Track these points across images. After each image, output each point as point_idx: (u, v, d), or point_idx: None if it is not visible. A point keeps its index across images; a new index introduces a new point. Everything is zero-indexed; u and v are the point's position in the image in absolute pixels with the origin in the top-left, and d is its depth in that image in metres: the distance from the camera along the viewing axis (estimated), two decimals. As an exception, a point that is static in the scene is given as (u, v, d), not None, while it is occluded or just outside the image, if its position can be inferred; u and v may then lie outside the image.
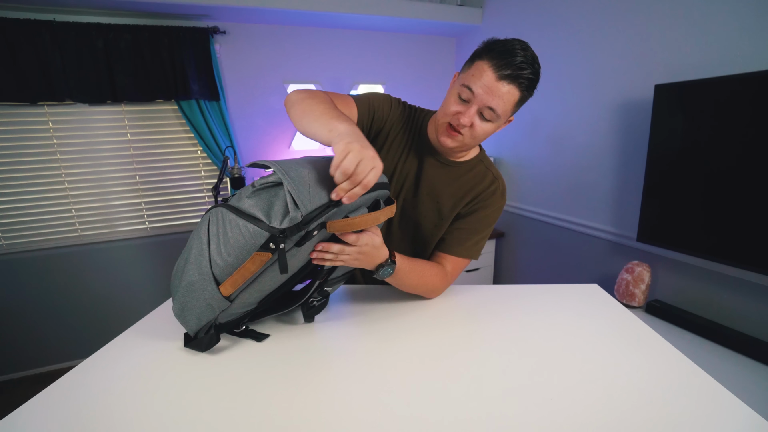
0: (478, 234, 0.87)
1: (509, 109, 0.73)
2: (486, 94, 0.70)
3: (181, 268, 0.61)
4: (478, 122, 0.74)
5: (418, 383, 0.55)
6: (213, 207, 0.61)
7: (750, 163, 1.07)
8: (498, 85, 0.70)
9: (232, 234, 0.56)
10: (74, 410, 0.50)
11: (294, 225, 0.54)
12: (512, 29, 2.15)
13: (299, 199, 0.53)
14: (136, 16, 2.00)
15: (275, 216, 0.55)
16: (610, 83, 1.60)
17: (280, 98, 2.40)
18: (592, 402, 0.50)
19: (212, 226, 0.59)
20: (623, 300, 1.43)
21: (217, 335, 0.63)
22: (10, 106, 1.91)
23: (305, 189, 0.54)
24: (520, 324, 0.71)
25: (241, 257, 0.56)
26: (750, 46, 1.14)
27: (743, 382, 1.02)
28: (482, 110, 0.72)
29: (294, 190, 0.53)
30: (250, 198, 0.57)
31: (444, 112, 0.77)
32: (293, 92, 0.75)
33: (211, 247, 0.58)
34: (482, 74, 0.70)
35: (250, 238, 0.55)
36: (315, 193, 0.55)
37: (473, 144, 0.80)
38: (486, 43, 0.73)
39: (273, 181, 0.57)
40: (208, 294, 0.59)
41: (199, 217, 2.38)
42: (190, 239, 0.62)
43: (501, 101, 0.71)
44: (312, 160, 0.61)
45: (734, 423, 0.46)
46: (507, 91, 0.70)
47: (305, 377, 0.56)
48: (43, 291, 2.13)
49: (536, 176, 2.11)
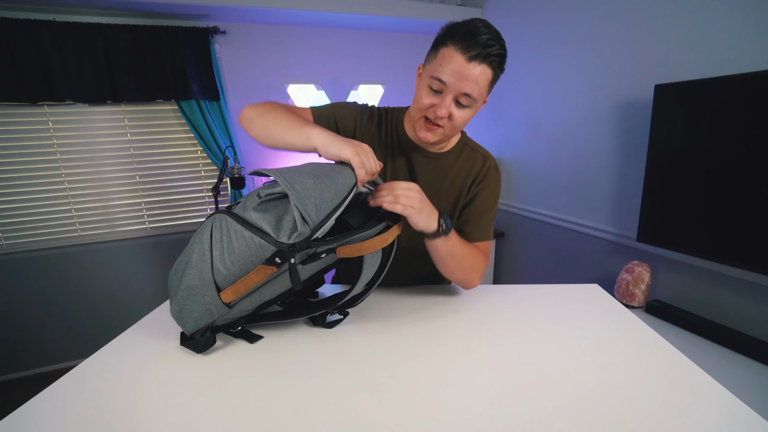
0: (489, 214, 0.88)
1: (484, 90, 0.71)
2: (458, 81, 0.68)
3: (181, 270, 0.61)
4: (456, 111, 0.72)
5: (416, 383, 0.55)
6: (216, 212, 0.61)
7: (750, 163, 1.07)
8: (469, 67, 0.67)
9: (238, 245, 0.56)
10: (74, 410, 0.50)
11: (302, 240, 0.54)
12: (512, 29, 2.15)
13: (306, 213, 0.53)
14: (136, 16, 2.00)
15: (283, 230, 0.55)
16: (610, 83, 1.60)
17: (281, 98, 2.40)
18: (592, 402, 0.50)
19: (215, 233, 0.59)
20: (623, 300, 1.43)
21: (213, 337, 0.63)
22: (10, 106, 1.91)
23: (311, 202, 0.54)
24: (520, 324, 0.71)
25: (246, 268, 0.56)
26: (750, 46, 1.14)
27: (743, 382, 1.02)
28: (458, 98, 0.70)
29: (301, 205, 0.53)
30: (257, 210, 0.56)
31: (417, 107, 0.75)
32: (247, 108, 0.72)
33: (214, 254, 0.58)
34: (450, 60, 0.68)
35: (256, 251, 0.55)
36: (321, 204, 0.55)
37: (455, 134, 0.78)
38: (447, 28, 0.70)
39: (279, 192, 0.56)
40: (208, 299, 0.59)
41: (199, 217, 2.38)
42: (191, 242, 0.62)
43: (475, 84, 0.68)
44: (314, 166, 0.60)
45: (734, 423, 0.46)
46: (480, 72, 0.68)
47: (305, 378, 0.56)
48: (43, 291, 2.13)
49: (536, 176, 2.11)
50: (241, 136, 2.36)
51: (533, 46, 2.01)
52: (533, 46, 2.01)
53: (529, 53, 2.05)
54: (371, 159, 0.62)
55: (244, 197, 0.62)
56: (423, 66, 0.77)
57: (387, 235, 0.61)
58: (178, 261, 0.63)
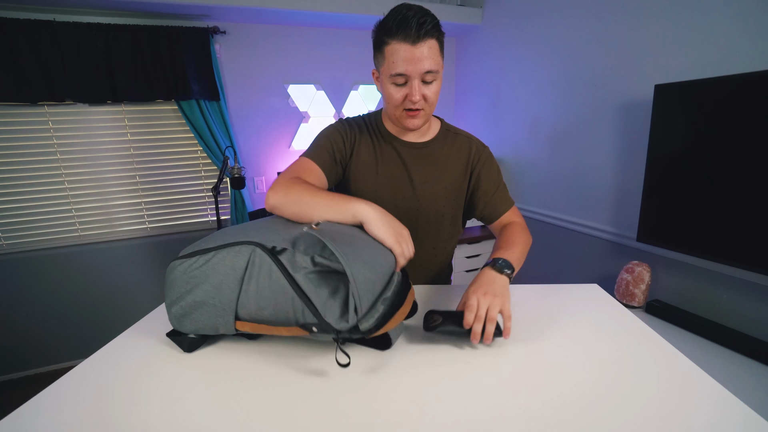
0: (500, 185, 0.95)
1: (439, 59, 0.77)
2: (416, 65, 0.73)
3: (194, 278, 0.59)
4: (426, 90, 0.77)
5: (415, 383, 0.54)
6: (258, 247, 0.58)
7: (750, 163, 1.07)
8: (417, 49, 0.72)
9: (276, 297, 0.55)
10: (74, 410, 0.50)
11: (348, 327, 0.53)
12: (512, 29, 2.15)
13: (360, 307, 0.52)
14: (136, 16, 2.00)
15: (331, 312, 0.54)
16: (610, 83, 1.60)
17: (281, 98, 2.40)
18: (592, 402, 0.50)
19: (253, 268, 0.57)
20: (623, 300, 1.43)
21: (201, 339, 0.63)
22: (10, 106, 1.91)
23: (365, 297, 0.53)
24: (519, 324, 0.71)
25: (278, 320, 0.56)
26: (750, 46, 1.14)
27: (743, 382, 1.02)
28: (423, 78, 0.76)
29: (358, 298, 0.52)
30: (310, 280, 0.55)
31: (393, 104, 0.80)
32: (270, 196, 0.72)
33: (245, 287, 0.57)
34: (399, 53, 0.73)
35: (296, 314, 0.55)
36: (372, 296, 0.54)
37: (433, 109, 0.84)
38: (379, 28, 0.76)
39: (335, 268, 0.54)
40: (222, 321, 0.59)
41: (199, 217, 2.37)
42: (213, 257, 0.59)
43: (430, 59, 0.74)
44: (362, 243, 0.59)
45: (734, 423, 0.46)
46: (428, 47, 0.73)
47: (306, 378, 0.56)
48: (43, 291, 2.13)
49: (536, 176, 2.11)
50: (241, 136, 2.36)
51: (533, 45, 2.01)
52: (533, 46, 2.01)
53: (529, 53, 2.05)
54: (410, 246, 0.66)
55: (291, 240, 0.58)
56: (377, 71, 0.82)
57: (404, 308, 0.60)
58: (189, 263, 0.60)
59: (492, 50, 2.34)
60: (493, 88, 2.35)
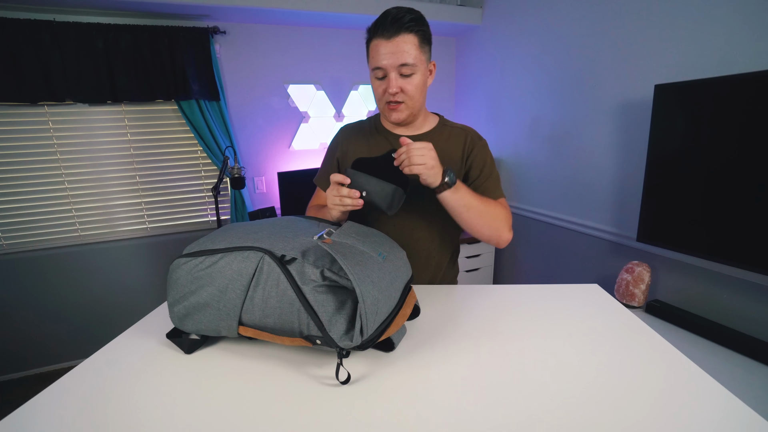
0: (491, 175, 0.94)
1: (418, 53, 0.79)
2: (390, 58, 0.77)
3: (199, 279, 0.58)
4: (404, 82, 0.81)
5: (415, 383, 0.54)
6: (267, 255, 0.57)
7: (750, 162, 1.07)
8: (392, 43, 0.77)
9: (282, 307, 0.55)
10: (74, 410, 0.50)
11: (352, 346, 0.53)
12: (512, 29, 2.15)
13: (367, 328, 0.52)
14: (136, 16, 2.00)
15: (336, 327, 0.53)
16: (610, 83, 1.60)
17: (281, 98, 2.40)
18: (591, 402, 0.50)
19: (260, 276, 0.56)
20: (623, 300, 1.43)
21: (202, 340, 0.63)
22: (10, 106, 1.91)
23: (373, 317, 0.52)
24: (519, 324, 0.71)
25: (282, 329, 0.56)
26: (750, 46, 1.14)
27: (743, 382, 1.02)
28: (400, 71, 0.79)
29: (365, 319, 0.51)
30: (318, 293, 0.54)
31: (377, 98, 0.87)
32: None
33: (251, 294, 0.57)
34: (377, 49, 0.79)
35: (300, 326, 0.55)
36: (379, 319, 0.54)
37: (417, 104, 0.86)
38: (367, 30, 0.82)
39: (344, 285, 0.54)
40: (225, 325, 0.59)
41: (199, 217, 2.38)
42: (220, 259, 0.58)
43: (404, 53, 0.77)
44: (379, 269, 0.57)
45: (734, 423, 0.46)
46: (403, 41, 0.77)
47: (307, 379, 0.56)
48: (43, 291, 2.13)
49: (536, 176, 2.11)
50: (241, 136, 2.36)
51: (533, 45, 2.01)
52: (533, 46, 2.01)
53: (529, 53, 2.05)
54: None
55: (301, 250, 0.57)
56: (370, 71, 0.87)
57: (406, 308, 0.60)
58: (195, 263, 0.59)
59: (492, 50, 2.34)
60: (493, 88, 2.35)
